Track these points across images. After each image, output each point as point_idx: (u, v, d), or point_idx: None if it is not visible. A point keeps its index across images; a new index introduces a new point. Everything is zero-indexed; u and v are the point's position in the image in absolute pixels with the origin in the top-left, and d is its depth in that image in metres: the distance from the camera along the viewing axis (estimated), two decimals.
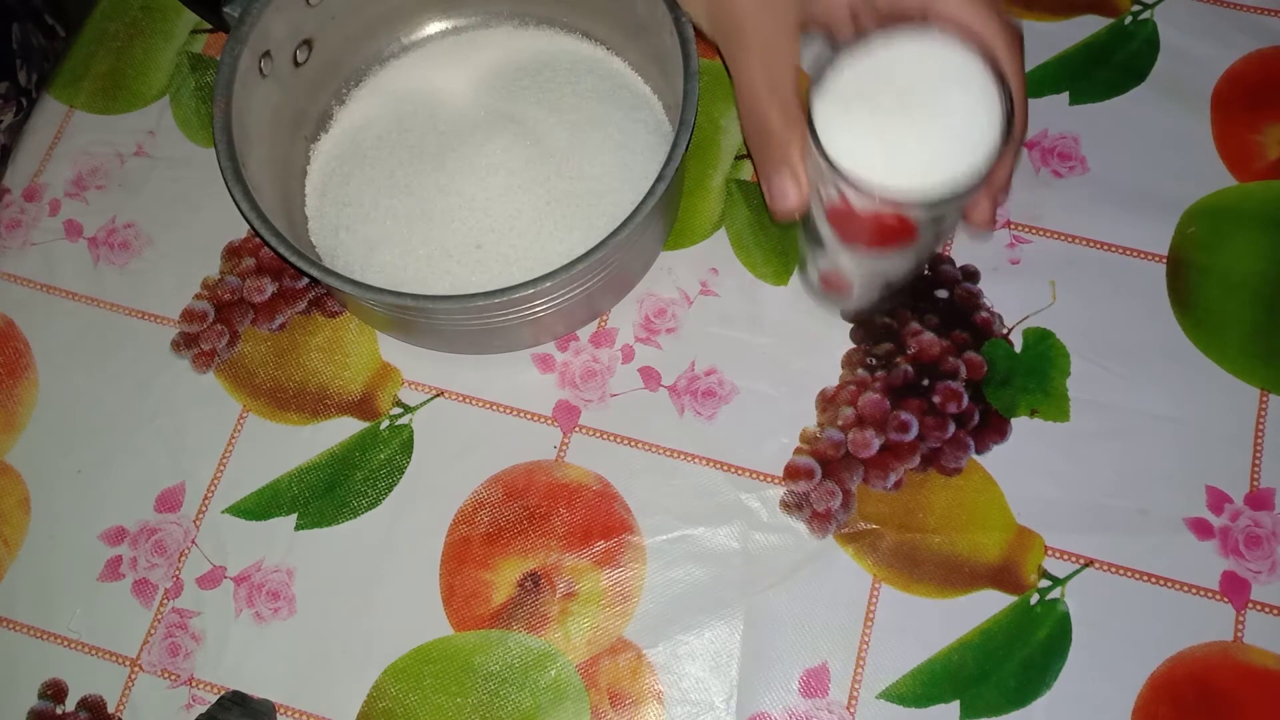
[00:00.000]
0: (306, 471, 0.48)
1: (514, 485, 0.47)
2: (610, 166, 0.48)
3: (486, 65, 0.51)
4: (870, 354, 0.48)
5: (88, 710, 0.45)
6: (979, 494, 0.46)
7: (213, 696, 0.44)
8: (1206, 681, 0.42)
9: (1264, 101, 0.52)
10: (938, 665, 0.43)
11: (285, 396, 0.49)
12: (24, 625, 0.46)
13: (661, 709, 0.43)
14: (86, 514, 0.48)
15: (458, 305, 0.42)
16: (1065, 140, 0.52)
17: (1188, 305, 0.48)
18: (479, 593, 0.45)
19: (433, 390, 0.49)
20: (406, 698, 0.44)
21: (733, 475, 0.47)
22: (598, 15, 0.51)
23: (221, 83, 0.44)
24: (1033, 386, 0.47)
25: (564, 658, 0.44)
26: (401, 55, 0.53)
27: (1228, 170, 0.50)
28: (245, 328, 0.50)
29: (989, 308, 0.49)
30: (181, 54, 0.57)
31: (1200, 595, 0.44)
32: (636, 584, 0.45)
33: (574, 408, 0.48)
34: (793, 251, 0.50)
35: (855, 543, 0.45)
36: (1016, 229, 0.50)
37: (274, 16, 0.46)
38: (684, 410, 0.48)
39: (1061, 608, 0.44)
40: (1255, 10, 0.54)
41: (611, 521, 0.46)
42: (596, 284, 0.45)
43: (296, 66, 0.49)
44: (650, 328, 0.49)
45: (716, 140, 0.53)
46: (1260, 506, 0.45)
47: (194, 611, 0.46)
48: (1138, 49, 0.53)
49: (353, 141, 0.51)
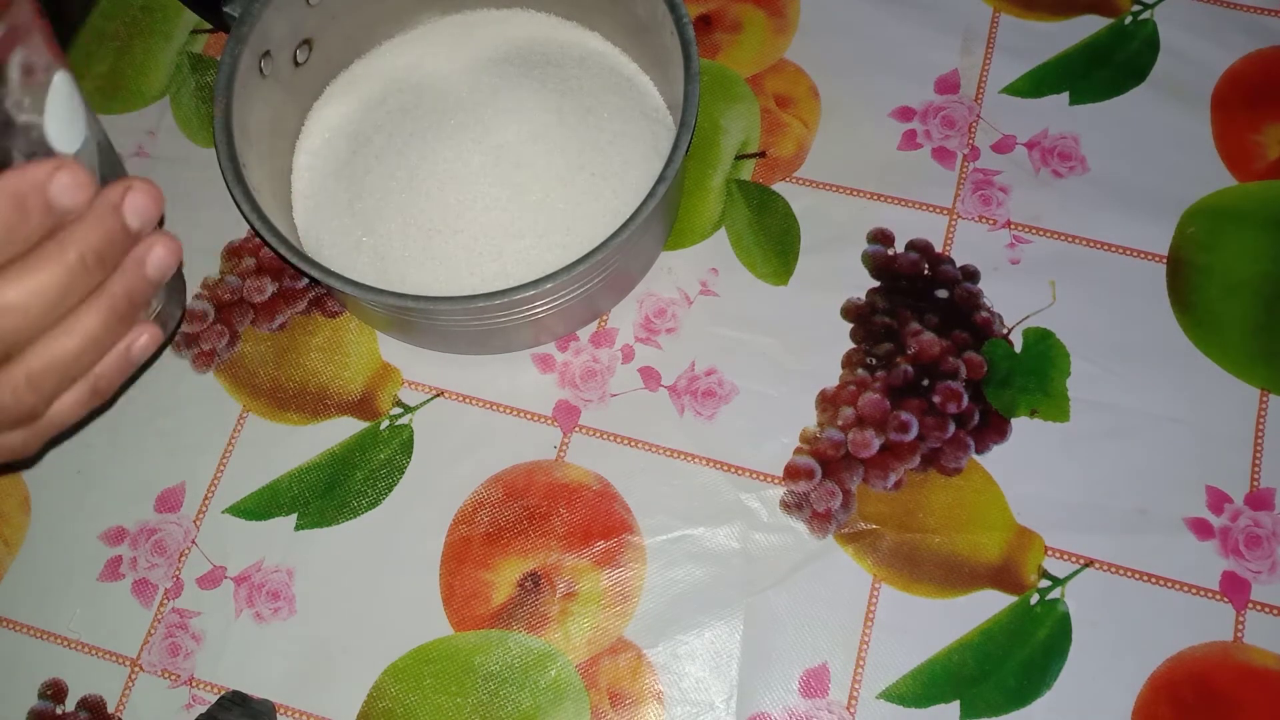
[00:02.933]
0: (306, 471, 0.48)
1: (514, 485, 0.47)
2: (611, 167, 0.48)
3: (485, 57, 0.51)
4: (870, 354, 0.48)
5: (88, 710, 0.45)
6: (979, 494, 0.46)
7: (213, 696, 0.44)
8: (1206, 681, 0.42)
9: (1264, 101, 0.52)
10: (938, 665, 0.43)
11: (285, 396, 0.49)
12: (24, 625, 0.46)
13: (661, 709, 0.43)
14: (86, 514, 0.48)
15: (458, 306, 0.42)
16: (1065, 140, 0.52)
17: (1188, 305, 0.48)
18: (479, 593, 0.45)
19: (433, 390, 0.49)
20: (406, 698, 0.44)
21: (733, 475, 0.47)
22: (598, 15, 0.51)
23: (221, 83, 0.44)
24: (1033, 386, 0.47)
25: (564, 658, 0.44)
26: (395, 40, 0.53)
27: (1228, 170, 0.50)
28: (245, 328, 0.50)
29: (989, 308, 0.49)
30: (181, 54, 0.57)
31: (1200, 595, 0.44)
32: (636, 584, 0.45)
33: (574, 408, 0.48)
34: (793, 251, 0.50)
35: (855, 543, 0.45)
36: (1016, 229, 0.50)
37: (274, 16, 0.46)
38: (684, 410, 0.48)
39: (1061, 608, 0.44)
40: (1255, 10, 0.54)
41: (611, 521, 0.46)
42: (597, 284, 0.45)
43: (296, 66, 0.49)
44: (650, 328, 0.49)
45: (716, 140, 0.53)
46: (1260, 506, 0.45)
47: (194, 611, 0.46)
48: (1138, 49, 0.53)
49: (345, 135, 0.51)
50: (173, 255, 0.32)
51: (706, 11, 0.56)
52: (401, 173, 0.48)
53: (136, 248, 0.32)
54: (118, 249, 0.31)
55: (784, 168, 0.52)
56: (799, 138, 0.53)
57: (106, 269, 0.31)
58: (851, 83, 0.53)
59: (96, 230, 0.30)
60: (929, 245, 0.50)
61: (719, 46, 0.55)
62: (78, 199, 0.29)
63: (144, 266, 0.32)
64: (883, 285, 0.49)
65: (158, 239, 0.32)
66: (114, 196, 0.30)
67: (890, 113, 0.53)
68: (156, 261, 0.32)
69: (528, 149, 0.48)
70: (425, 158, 0.48)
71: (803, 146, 0.52)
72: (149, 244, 0.32)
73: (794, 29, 0.55)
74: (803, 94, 0.53)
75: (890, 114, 0.53)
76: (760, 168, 0.52)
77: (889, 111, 0.53)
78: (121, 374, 0.34)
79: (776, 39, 0.55)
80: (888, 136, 0.52)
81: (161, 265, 0.32)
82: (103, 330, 0.31)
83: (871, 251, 0.50)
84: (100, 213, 0.30)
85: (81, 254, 0.30)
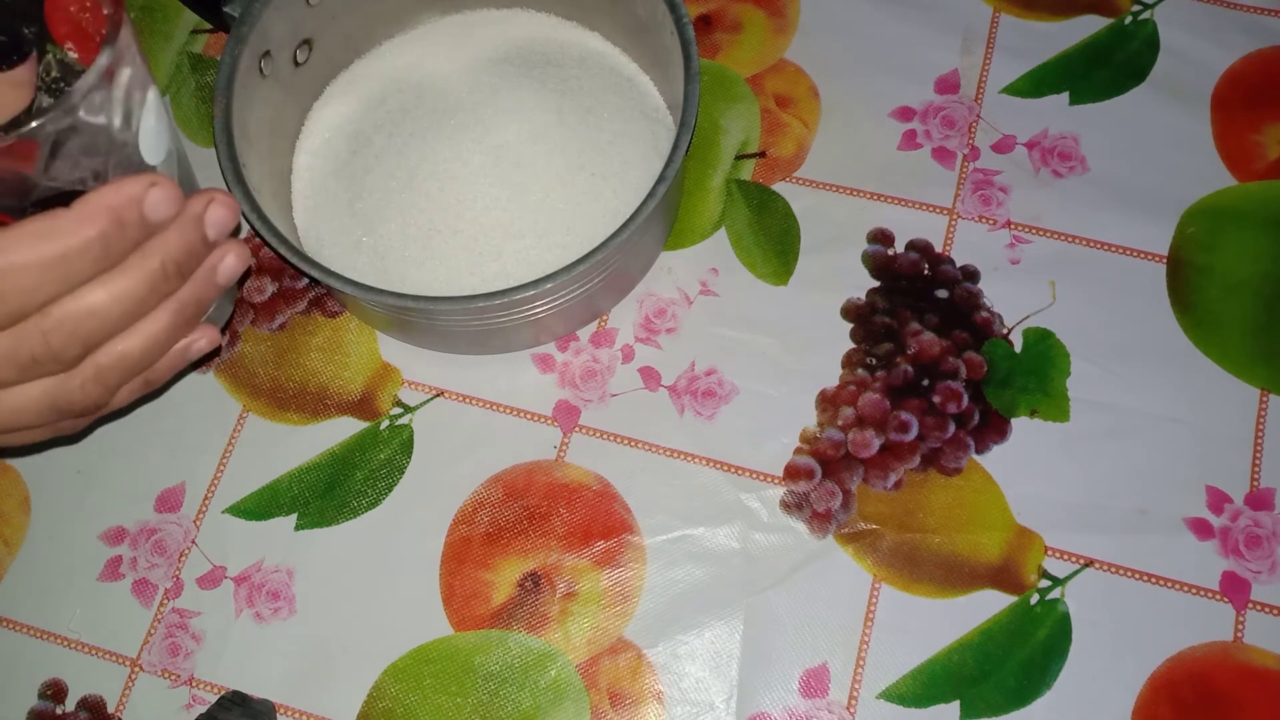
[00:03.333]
0: (306, 471, 0.48)
1: (514, 485, 0.47)
2: (611, 167, 0.48)
3: (485, 57, 0.51)
4: (870, 354, 0.48)
5: (88, 710, 0.45)
6: (979, 494, 0.46)
7: (213, 696, 0.44)
8: (1206, 681, 0.42)
9: (1264, 101, 0.52)
10: (938, 665, 0.43)
11: (285, 396, 0.49)
12: (24, 625, 0.46)
13: (661, 709, 0.43)
14: (86, 514, 0.48)
15: (458, 306, 0.42)
16: (1065, 140, 0.52)
17: (1188, 305, 0.48)
18: (479, 593, 0.45)
19: (433, 390, 0.49)
20: (406, 698, 0.44)
21: (733, 475, 0.47)
22: (598, 15, 0.51)
23: (221, 83, 0.44)
24: (1033, 386, 0.47)
25: (564, 658, 0.44)
26: (395, 40, 0.53)
27: (1228, 170, 0.50)
28: (245, 328, 0.50)
29: (989, 308, 0.49)
30: (181, 54, 0.57)
31: (1200, 595, 0.44)
32: (636, 584, 0.45)
33: (574, 408, 0.48)
34: (793, 251, 0.50)
35: (855, 543, 0.45)
36: (1016, 229, 0.50)
37: (274, 16, 0.46)
38: (684, 410, 0.48)
39: (1061, 608, 0.44)
40: (1255, 10, 0.54)
41: (611, 521, 0.46)
42: (597, 284, 0.45)
43: (296, 66, 0.49)
44: (650, 328, 0.49)
45: (716, 140, 0.53)
46: (1260, 506, 0.45)
47: (194, 611, 0.46)
48: (1138, 49, 0.53)
49: (345, 136, 0.51)
50: (242, 263, 0.34)
51: (706, 11, 0.56)
52: (401, 173, 0.48)
53: (210, 255, 0.33)
54: (196, 259, 0.33)
55: (784, 168, 0.52)
56: (799, 138, 0.53)
57: (184, 277, 0.32)
58: (851, 83, 0.53)
59: (179, 242, 0.31)
60: (929, 245, 0.50)
61: (719, 46, 0.55)
62: (169, 213, 0.31)
63: (215, 275, 0.34)
64: (883, 285, 0.49)
65: (230, 248, 0.34)
66: (197, 209, 0.32)
67: (890, 113, 0.53)
68: (227, 270, 0.34)
69: (528, 149, 0.48)
70: (425, 158, 0.48)
71: (803, 146, 0.52)
72: (222, 253, 0.34)
73: (794, 29, 0.55)
74: (803, 94, 0.53)
75: (890, 114, 0.53)
76: (760, 168, 0.52)
77: (889, 111, 0.53)
78: (175, 370, 0.36)
79: (776, 39, 0.55)
80: (888, 136, 0.52)
81: (231, 274, 0.34)
82: (169, 332, 0.33)
83: (871, 251, 0.50)
84: (183, 225, 0.31)
85: (164, 263, 0.31)
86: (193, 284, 0.33)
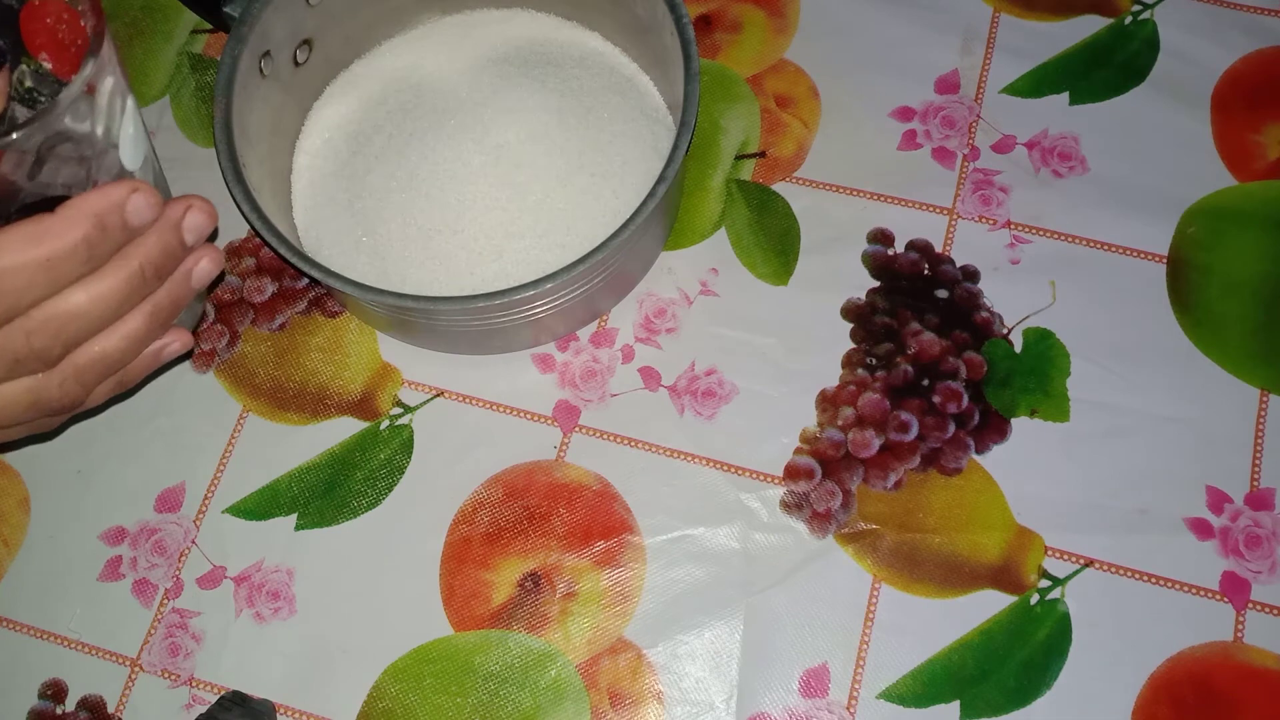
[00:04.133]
0: (306, 471, 0.48)
1: (514, 485, 0.47)
2: (611, 167, 0.48)
3: (485, 57, 0.51)
4: (870, 354, 0.48)
5: (88, 710, 0.45)
6: (979, 494, 0.46)
7: (213, 696, 0.44)
8: (1206, 681, 0.42)
9: (1264, 101, 0.52)
10: (938, 665, 0.43)
11: (285, 396, 0.49)
12: (24, 625, 0.46)
13: (661, 709, 0.43)
14: (86, 514, 0.48)
15: (458, 306, 0.42)
16: (1065, 140, 0.52)
17: (1188, 305, 0.48)
18: (479, 593, 0.45)
19: (433, 390, 0.49)
20: (406, 698, 0.44)
21: (733, 475, 0.47)
22: (598, 15, 0.51)
23: (221, 83, 0.44)
24: (1033, 386, 0.47)
25: (564, 658, 0.44)
26: (395, 40, 0.53)
27: (1228, 170, 0.50)
28: (245, 328, 0.50)
29: (989, 308, 0.49)
30: (181, 54, 0.57)
31: (1200, 595, 0.44)
32: (636, 584, 0.45)
33: (574, 408, 0.48)
34: (793, 251, 0.50)
35: (855, 543, 0.45)
36: (1016, 229, 0.50)
37: (274, 16, 0.46)
38: (684, 410, 0.48)
39: (1061, 608, 0.44)
40: (1255, 10, 0.54)
41: (611, 521, 0.46)
42: (597, 284, 0.45)
43: (296, 66, 0.49)
44: (650, 328, 0.49)
45: (716, 140, 0.53)
46: (1260, 506, 0.45)
47: (194, 611, 0.46)
48: (1138, 49, 0.53)
49: (344, 135, 0.51)
50: (216, 267, 0.35)
51: (706, 11, 0.56)
52: (401, 173, 0.48)
53: (186, 259, 0.34)
54: (173, 262, 0.34)
55: (784, 168, 0.52)
56: (799, 138, 0.53)
57: (161, 280, 0.34)
58: (851, 83, 0.53)
59: (158, 245, 0.33)
60: (929, 245, 0.50)
61: (719, 46, 0.55)
62: (149, 218, 0.32)
63: (190, 278, 0.35)
64: (883, 285, 0.49)
65: (204, 253, 0.35)
66: (176, 214, 0.33)
67: (890, 113, 0.53)
68: (201, 273, 0.35)
69: (528, 149, 0.48)
70: (425, 158, 0.48)
71: (803, 146, 0.52)
72: (197, 257, 0.35)
73: (794, 29, 0.55)
74: (803, 94, 0.54)
75: (890, 114, 0.53)
76: (760, 168, 0.52)
77: (889, 111, 0.53)
78: (149, 370, 0.37)
79: (776, 39, 0.55)
80: (888, 136, 0.52)
81: (205, 277, 0.35)
82: (145, 332, 0.34)
83: (871, 251, 0.50)
84: (162, 229, 0.33)
85: (142, 266, 0.32)
86: (169, 286, 0.34)
